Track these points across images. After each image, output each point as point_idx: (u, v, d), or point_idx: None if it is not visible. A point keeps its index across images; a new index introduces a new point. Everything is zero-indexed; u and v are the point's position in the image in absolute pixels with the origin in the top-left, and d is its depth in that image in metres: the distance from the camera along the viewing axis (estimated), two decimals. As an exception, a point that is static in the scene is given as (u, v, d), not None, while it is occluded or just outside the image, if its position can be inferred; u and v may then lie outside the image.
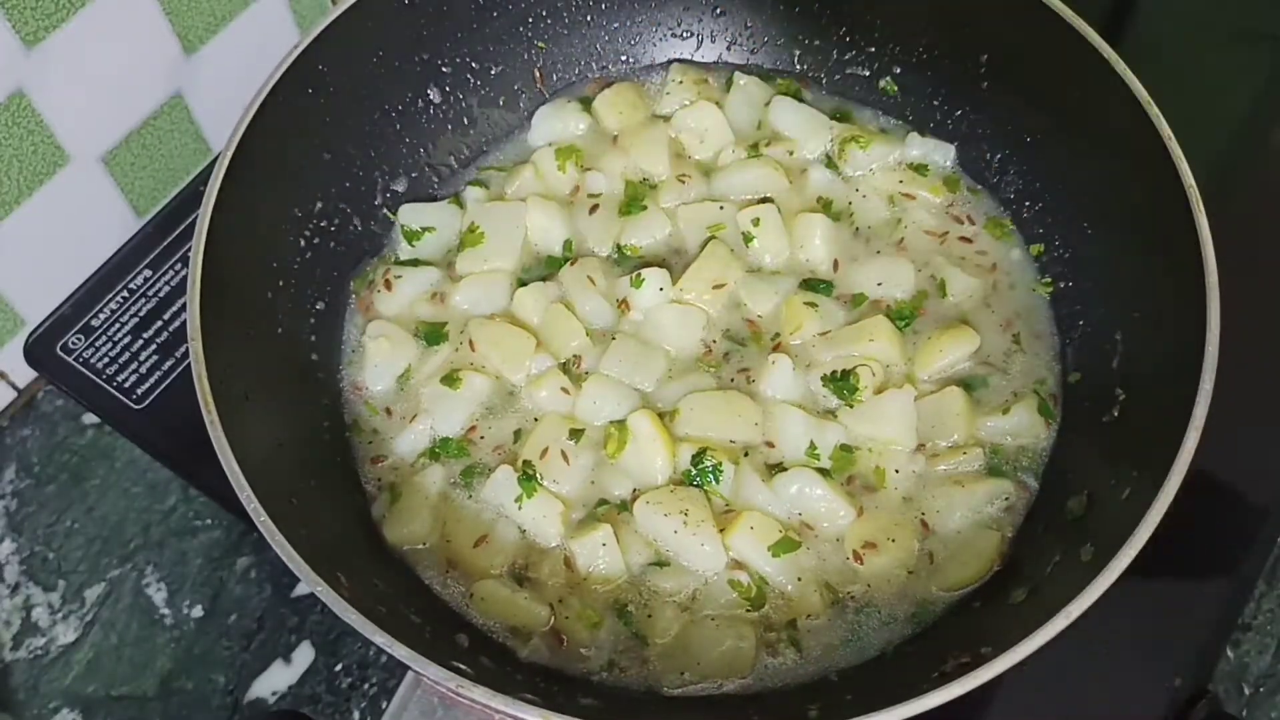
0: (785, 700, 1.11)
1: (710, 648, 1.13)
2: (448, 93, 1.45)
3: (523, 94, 1.51)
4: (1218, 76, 1.72)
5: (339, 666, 1.34)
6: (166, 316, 1.44)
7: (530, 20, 1.47)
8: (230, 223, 1.14)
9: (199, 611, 1.37)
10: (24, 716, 1.32)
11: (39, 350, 1.40)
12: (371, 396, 1.31)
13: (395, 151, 1.42)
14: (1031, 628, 0.94)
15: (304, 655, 1.34)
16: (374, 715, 1.30)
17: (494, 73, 1.48)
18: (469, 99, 1.47)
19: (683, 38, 1.55)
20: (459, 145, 1.48)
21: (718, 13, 1.53)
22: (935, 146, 1.44)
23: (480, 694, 0.91)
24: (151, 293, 1.44)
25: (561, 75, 1.53)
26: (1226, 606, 1.31)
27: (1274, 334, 1.43)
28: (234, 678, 1.33)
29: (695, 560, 1.17)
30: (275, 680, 1.33)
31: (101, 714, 1.32)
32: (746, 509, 1.19)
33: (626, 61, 1.55)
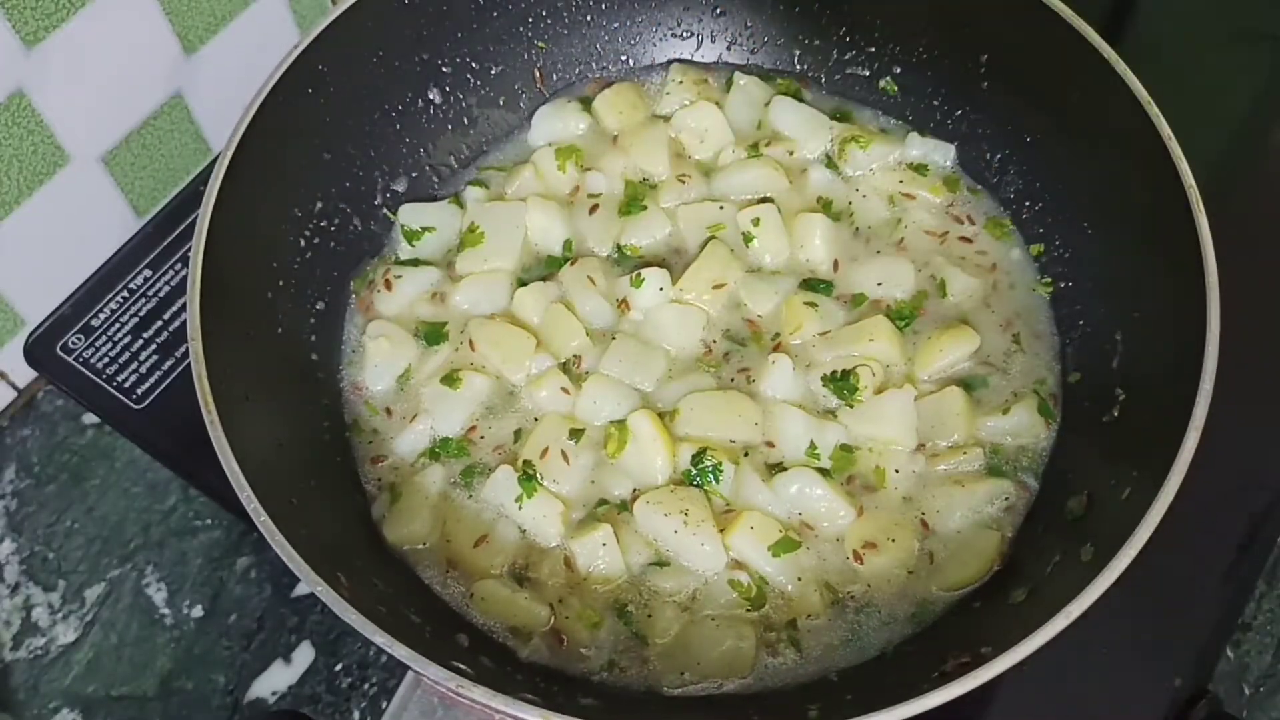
0: (785, 700, 1.11)
1: (710, 648, 1.13)
2: (448, 93, 1.45)
3: (523, 94, 1.51)
4: (1218, 76, 1.71)
5: (339, 666, 1.34)
6: (166, 316, 1.44)
7: (530, 20, 1.47)
8: (230, 223, 1.14)
9: (199, 611, 1.37)
10: (24, 716, 1.32)
11: (39, 350, 1.40)
12: (371, 396, 1.31)
13: (395, 151, 1.42)
14: (1031, 628, 0.94)
15: (304, 655, 1.34)
16: (374, 715, 1.30)
17: (494, 73, 1.48)
18: (469, 99, 1.47)
19: (683, 38, 1.55)
20: (459, 145, 1.48)
21: (718, 13, 1.53)
22: (935, 146, 1.44)
23: (480, 694, 0.91)
24: (151, 293, 1.44)
25: (561, 75, 1.53)
26: (1226, 606, 1.31)
27: (1274, 334, 1.43)
28: (234, 678, 1.33)
29: (695, 560, 1.17)
30: (275, 680, 1.33)
31: (101, 714, 1.32)
32: (746, 509, 1.19)
33: (626, 61, 1.55)
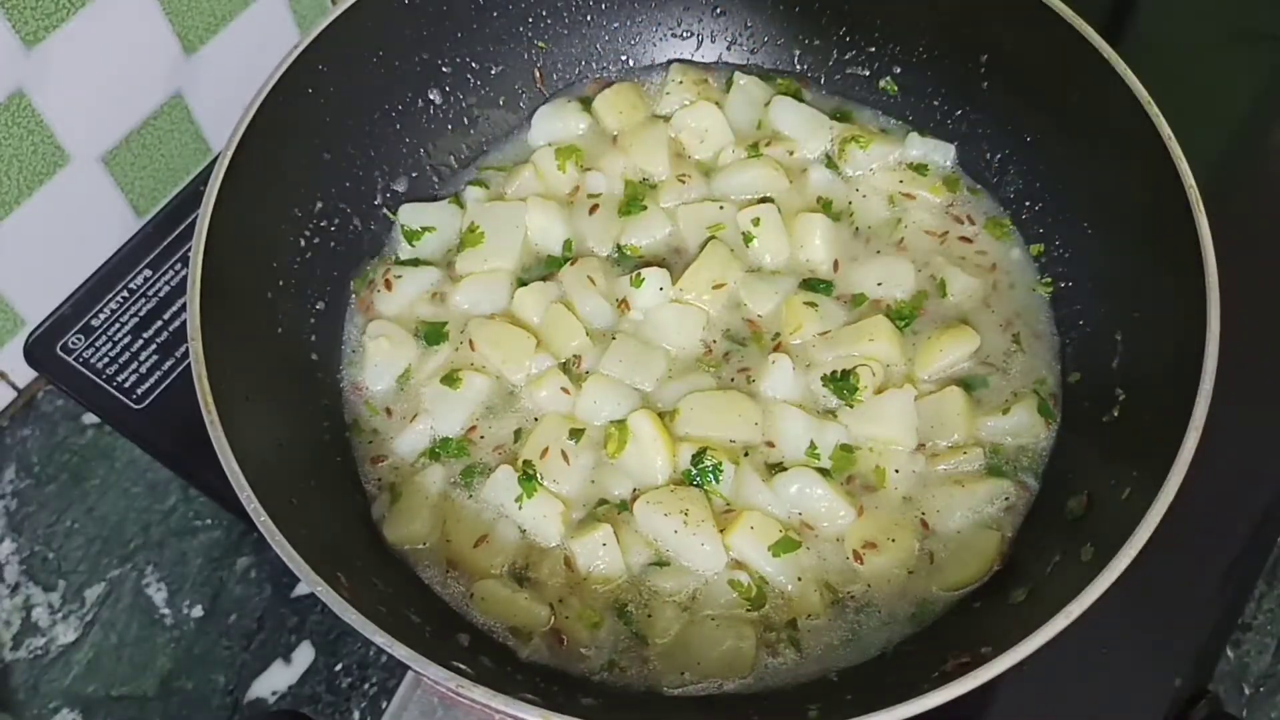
0: (785, 700, 1.11)
1: (710, 648, 1.13)
2: (448, 93, 1.45)
3: (523, 94, 1.51)
4: (1218, 76, 1.71)
5: (339, 666, 1.34)
6: (166, 316, 1.43)
7: (530, 20, 1.47)
8: (230, 223, 1.14)
9: (199, 611, 1.37)
10: (24, 716, 1.32)
11: (39, 350, 1.40)
12: (371, 396, 1.31)
13: (395, 151, 1.42)
14: (1031, 628, 0.94)
15: (304, 655, 1.34)
16: (374, 715, 1.30)
17: (494, 73, 1.48)
18: (469, 99, 1.47)
19: (683, 38, 1.55)
20: (459, 145, 1.48)
21: (718, 13, 1.53)
22: (935, 146, 1.44)
23: (480, 694, 0.91)
24: (151, 293, 1.44)
25: (561, 75, 1.53)
26: (1226, 606, 1.31)
27: (1274, 334, 1.43)
28: (234, 678, 1.33)
29: (695, 560, 1.17)
30: (275, 680, 1.33)
31: (101, 714, 1.32)
32: (746, 509, 1.19)
33: (626, 61, 1.55)
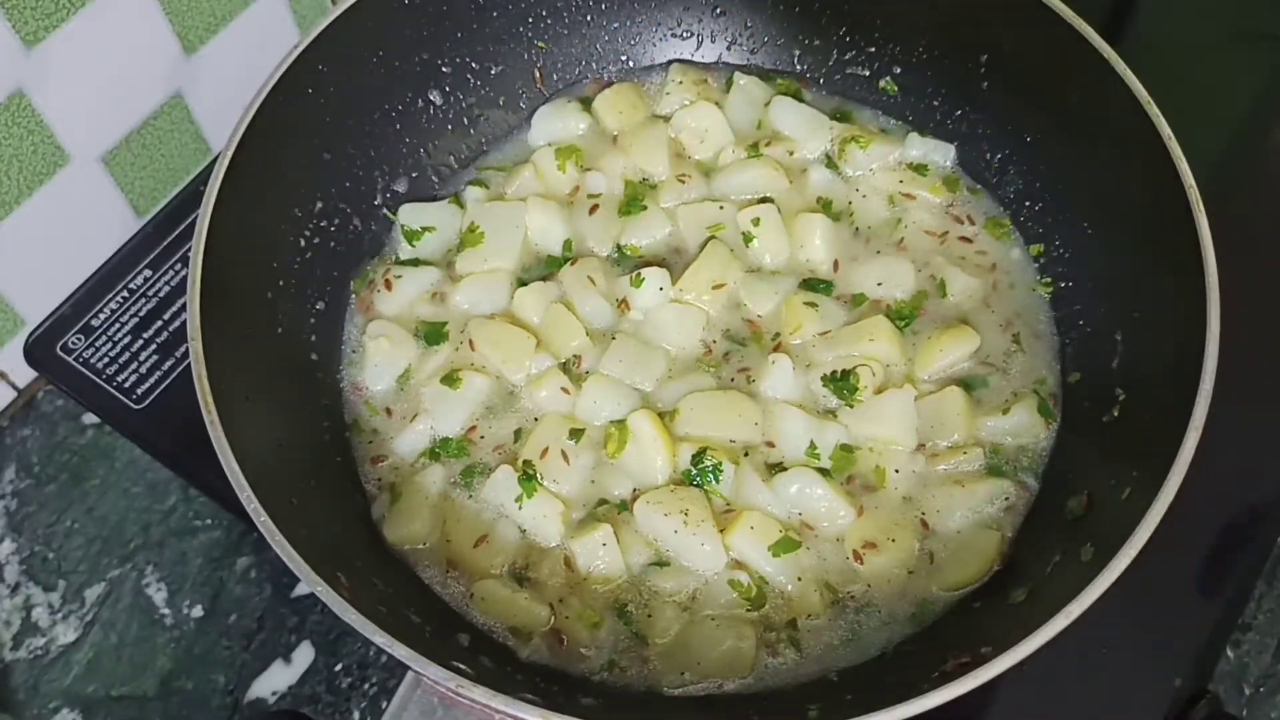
0: (785, 700, 1.11)
1: (710, 648, 1.13)
2: (448, 93, 1.45)
3: (523, 94, 1.51)
4: (1218, 76, 1.71)
5: (339, 666, 1.34)
6: (166, 316, 1.43)
7: (530, 20, 1.47)
8: (230, 223, 1.14)
9: (199, 611, 1.37)
10: (24, 716, 1.32)
11: (39, 350, 1.40)
12: (371, 396, 1.31)
13: (395, 151, 1.42)
14: (1031, 628, 0.94)
15: (304, 655, 1.34)
16: (374, 715, 1.30)
17: (494, 73, 1.48)
18: (469, 99, 1.47)
19: (683, 38, 1.55)
20: (459, 145, 1.48)
21: (718, 13, 1.53)
22: (935, 146, 1.44)
23: (480, 694, 0.91)
24: (151, 293, 1.44)
25: (561, 75, 1.53)
26: (1226, 606, 1.31)
27: (1274, 334, 1.43)
28: (234, 678, 1.33)
29: (695, 560, 1.17)
30: (275, 680, 1.33)
31: (101, 714, 1.32)
32: (746, 509, 1.19)
33: (626, 61, 1.55)
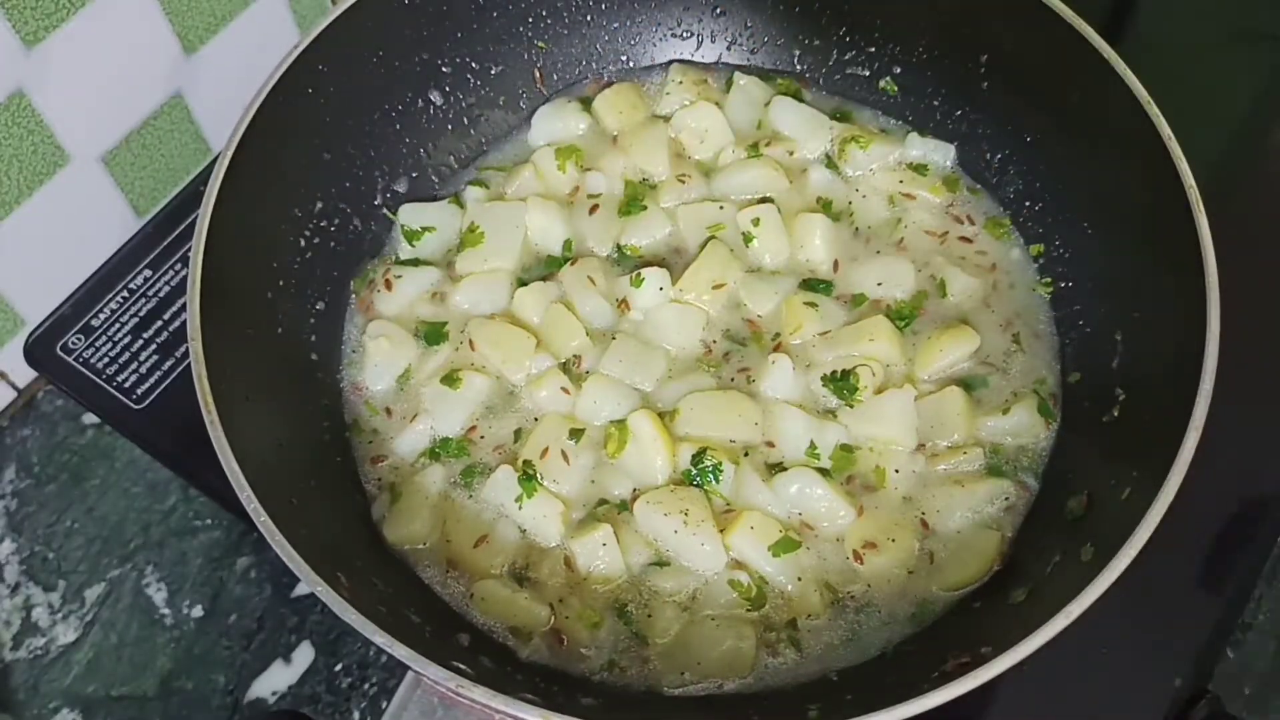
0: (785, 700, 1.11)
1: (710, 648, 1.13)
2: (448, 93, 1.45)
3: (523, 94, 1.51)
4: (1218, 76, 1.71)
5: (339, 666, 1.34)
6: (166, 316, 1.43)
7: (530, 20, 1.47)
8: (230, 223, 1.14)
9: (199, 611, 1.37)
10: (24, 716, 1.32)
11: (39, 350, 1.40)
12: (371, 396, 1.31)
13: (395, 151, 1.42)
14: (1031, 628, 0.94)
15: (304, 655, 1.34)
16: (374, 715, 1.30)
17: (494, 73, 1.48)
18: (469, 99, 1.47)
19: (683, 38, 1.55)
20: (459, 145, 1.48)
21: (718, 13, 1.53)
22: (935, 146, 1.44)
23: (480, 694, 0.91)
24: (151, 293, 1.44)
25: (561, 75, 1.53)
26: (1226, 606, 1.31)
27: (1274, 334, 1.43)
28: (234, 678, 1.33)
29: (695, 560, 1.17)
30: (275, 680, 1.33)
31: (101, 714, 1.32)
32: (746, 509, 1.19)
33: (626, 61, 1.55)
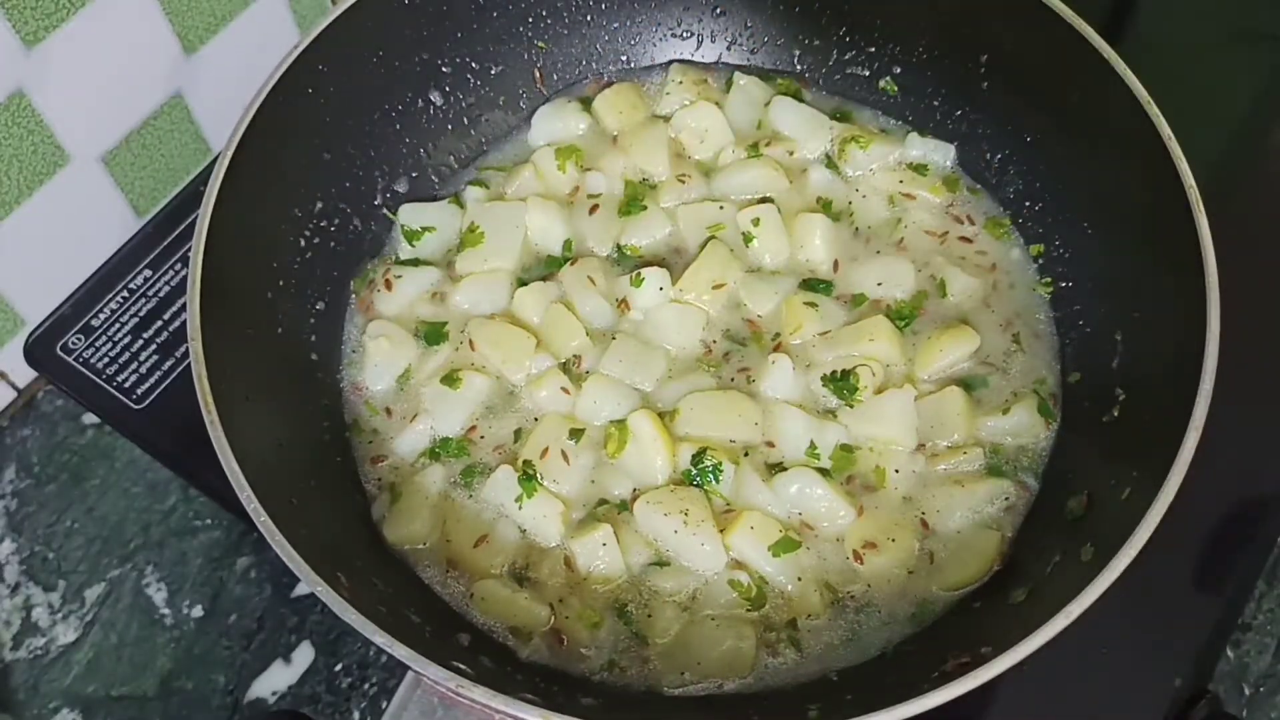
0: (785, 700, 1.11)
1: (710, 648, 1.13)
2: (448, 93, 1.45)
3: (523, 94, 1.51)
4: (1218, 76, 1.71)
5: (339, 666, 1.34)
6: (166, 316, 1.43)
7: (530, 20, 1.47)
8: (230, 223, 1.14)
9: (199, 611, 1.37)
10: (24, 716, 1.32)
11: (39, 350, 1.40)
12: (371, 396, 1.31)
13: (395, 151, 1.42)
14: (1031, 628, 0.94)
15: (304, 655, 1.34)
16: (374, 715, 1.30)
17: (494, 73, 1.48)
18: (469, 99, 1.47)
19: (683, 38, 1.55)
20: (459, 145, 1.48)
21: (718, 13, 1.53)
22: (935, 146, 1.44)
23: (480, 694, 0.91)
24: (151, 293, 1.44)
25: (561, 75, 1.53)
26: (1226, 606, 1.31)
27: (1274, 334, 1.43)
28: (234, 678, 1.33)
29: (695, 560, 1.17)
30: (275, 680, 1.33)
31: (101, 714, 1.32)
32: (746, 509, 1.19)
33: (626, 61, 1.55)
